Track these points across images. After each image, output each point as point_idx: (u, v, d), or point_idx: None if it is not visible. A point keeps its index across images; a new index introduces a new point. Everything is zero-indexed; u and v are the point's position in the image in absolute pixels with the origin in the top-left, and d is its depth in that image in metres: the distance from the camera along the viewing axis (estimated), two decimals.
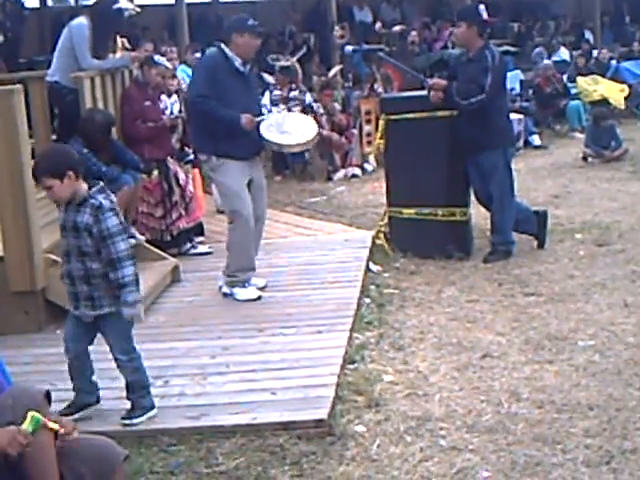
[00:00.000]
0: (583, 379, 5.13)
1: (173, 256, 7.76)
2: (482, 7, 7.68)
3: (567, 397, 4.90)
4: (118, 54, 8.16)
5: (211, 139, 6.71)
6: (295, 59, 14.92)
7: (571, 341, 5.76)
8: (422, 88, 7.96)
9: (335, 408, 4.82)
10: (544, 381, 5.15)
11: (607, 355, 5.47)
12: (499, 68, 7.60)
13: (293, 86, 13.23)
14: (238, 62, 6.74)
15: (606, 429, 4.48)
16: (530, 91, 16.19)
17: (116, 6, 7.86)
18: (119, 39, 8.41)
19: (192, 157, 8.68)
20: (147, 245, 7.59)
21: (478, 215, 8.41)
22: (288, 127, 6.91)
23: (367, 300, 6.81)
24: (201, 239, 8.49)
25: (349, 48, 16.51)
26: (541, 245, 8.04)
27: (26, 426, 3.24)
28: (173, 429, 4.70)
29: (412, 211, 8.01)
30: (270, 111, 7.19)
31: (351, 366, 5.47)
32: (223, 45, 6.77)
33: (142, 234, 7.73)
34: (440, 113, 7.74)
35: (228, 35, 6.76)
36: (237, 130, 6.60)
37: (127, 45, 8.56)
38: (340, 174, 12.45)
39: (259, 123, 6.71)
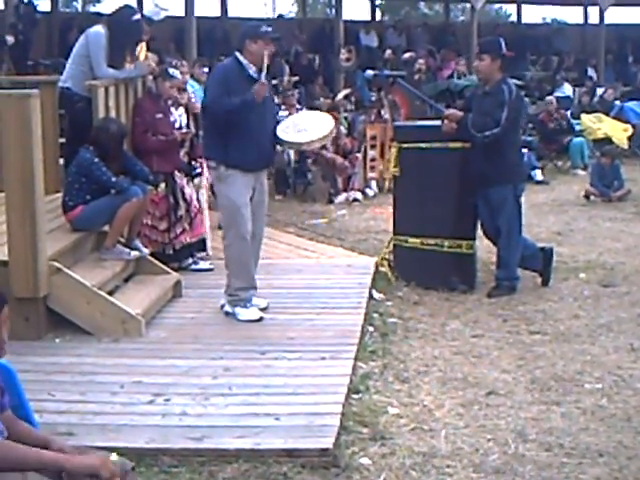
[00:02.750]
0: (591, 423, 5.06)
1: (174, 270, 7.68)
2: (502, 41, 7.70)
3: (575, 441, 4.82)
4: (130, 65, 8.06)
5: (223, 148, 6.64)
6: (286, 79, 15.02)
7: (578, 383, 5.70)
8: (436, 118, 7.93)
9: (340, 438, 4.73)
10: (551, 423, 5.07)
11: (615, 400, 5.41)
12: (515, 103, 7.56)
13: (298, 106, 13.25)
14: (252, 70, 6.68)
15: (618, 478, 4.40)
16: (531, 125, 16.21)
17: (135, 17, 7.80)
18: (143, 47, 8.36)
19: (199, 171, 8.62)
20: (150, 258, 7.50)
21: (481, 248, 8.37)
22: (304, 125, 6.86)
23: (370, 328, 6.75)
24: (203, 255, 8.42)
25: (370, 72, 16.52)
26: (545, 282, 8.00)
27: (115, 458, 3.23)
28: (174, 449, 4.60)
29: (418, 240, 7.96)
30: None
31: (355, 396, 5.39)
32: (238, 53, 6.73)
33: (145, 246, 7.63)
34: (453, 144, 7.72)
35: (242, 42, 6.71)
36: (252, 104, 6.50)
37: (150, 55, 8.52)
38: (341, 197, 12.44)
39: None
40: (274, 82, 14.69)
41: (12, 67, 13.27)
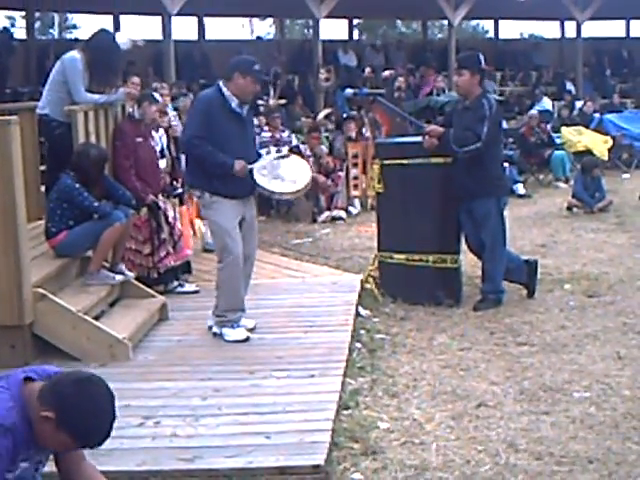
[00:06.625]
0: (580, 431, 5.08)
1: (160, 294, 7.66)
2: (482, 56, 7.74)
3: (565, 449, 4.84)
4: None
5: (205, 176, 6.63)
6: (273, 100, 15.04)
7: (566, 392, 5.71)
8: (416, 134, 7.95)
9: (331, 454, 4.73)
10: (541, 432, 5.09)
11: (603, 408, 5.43)
12: (495, 117, 7.60)
13: (281, 127, 13.28)
14: (235, 102, 6.64)
15: None
16: (511, 139, 16.30)
17: (113, 40, 7.80)
18: None
19: (180, 191, 8.63)
20: (135, 282, 7.48)
21: (466, 262, 8.39)
22: (282, 171, 6.80)
23: (358, 345, 6.74)
24: (188, 277, 8.41)
25: (349, 91, 16.59)
26: (531, 295, 8.03)
27: None
28: (166, 471, 4.59)
29: (403, 256, 7.97)
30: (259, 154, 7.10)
31: (345, 412, 5.39)
32: (221, 84, 6.70)
33: (129, 270, 7.62)
34: (434, 160, 7.73)
35: (230, 73, 6.64)
36: (229, 174, 6.57)
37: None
38: (325, 216, 12.45)
39: (251, 169, 6.65)
40: (259, 102, 14.72)
41: None
